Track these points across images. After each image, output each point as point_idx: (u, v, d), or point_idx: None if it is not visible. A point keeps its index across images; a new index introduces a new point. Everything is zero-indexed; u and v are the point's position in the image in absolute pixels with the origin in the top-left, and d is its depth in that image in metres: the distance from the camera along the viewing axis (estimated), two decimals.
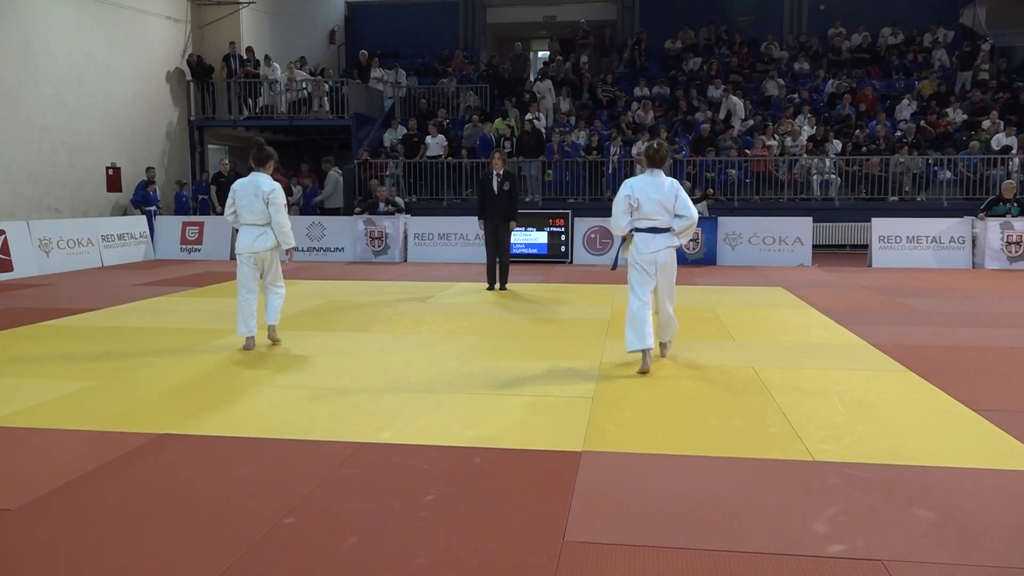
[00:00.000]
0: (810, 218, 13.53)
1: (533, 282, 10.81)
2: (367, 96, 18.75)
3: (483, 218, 9.87)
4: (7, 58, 13.23)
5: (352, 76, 19.24)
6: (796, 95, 18.19)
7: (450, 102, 19.31)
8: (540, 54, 25.20)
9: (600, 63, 21.02)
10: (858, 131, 16.44)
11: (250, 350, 6.30)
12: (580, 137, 16.56)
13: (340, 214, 15.90)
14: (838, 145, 16.03)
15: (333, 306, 8.71)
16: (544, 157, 16.17)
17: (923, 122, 16.64)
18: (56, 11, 14.26)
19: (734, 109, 17.38)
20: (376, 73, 19.56)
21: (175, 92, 17.43)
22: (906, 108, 17.25)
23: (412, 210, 15.10)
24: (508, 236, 9.94)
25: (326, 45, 22.58)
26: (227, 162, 16.24)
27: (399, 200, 14.72)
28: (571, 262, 13.58)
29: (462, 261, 13.59)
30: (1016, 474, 3.60)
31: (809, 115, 17.04)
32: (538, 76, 19.97)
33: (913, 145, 15.67)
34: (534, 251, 13.69)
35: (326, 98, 17.97)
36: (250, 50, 18.09)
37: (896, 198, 15.42)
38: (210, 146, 18.78)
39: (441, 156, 16.68)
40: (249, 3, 18.36)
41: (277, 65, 18.08)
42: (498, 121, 17.01)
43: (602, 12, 22.86)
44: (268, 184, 6.32)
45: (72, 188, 14.68)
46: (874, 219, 13.31)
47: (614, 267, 6.23)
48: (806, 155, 15.91)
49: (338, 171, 16.58)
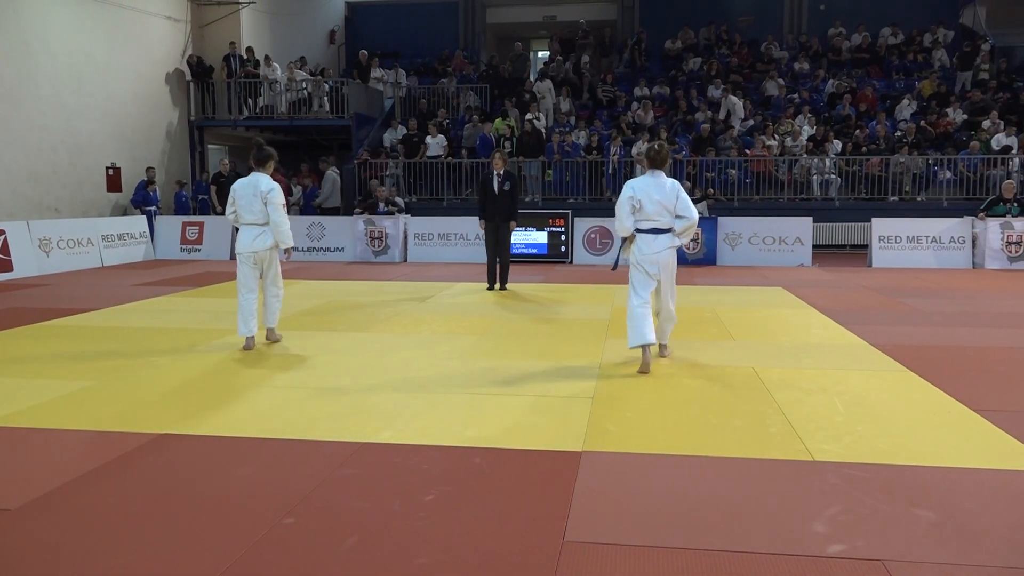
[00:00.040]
0: (810, 218, 13.53)
1: (533, 282, 10.81)
2: (367, 96, 18.74)
3: (484, 218, 9.88)
4: (7, 58, 13.23)
5: (352, 76, 19.24)
6: (796, 95, 18.19)
7: (450, 102, 19.30)
8: (540, 54, 25.20)
9: (600, 63, 21.02)
10: (858, 131, 16.44)
11: (250, 350, 6.32)
12: (580, 137, 16.56)
13: (339, 214, 15.90)
14: (838, 145, 16.03)
15: (333, 306, 8.71)
16: (544, 157, 16.16)
17: (923, 122, 16.64)
18: (56, 11, 14.26)
19: (733, 109, 17.38)
20: (376, 73, 19.56)
21: (175, 92, 17.43)
22: (906, 108, 17.25)
23: (412, 210, 15.10)
24: (508, 236, 9.95)
25: (326, 45, 22.58)
26: (227, 162, 16.24)
27: (399, 200, 14.72)
28: (571, 262, 13.58)
29: (462, 261, 13.59)
30: (1016, 474, 3.60)
31: (809, 115, 17.04)
32: (538, 76, 19.98)
33: (913, 145, 15.67)
34: (534, 251, 13.69)
35: (326, 98, 17.96)
36: (250, 50, 18.08)
37: (896, 198, 15.41)
38: (210, 146, 18.78)
39: (441, 156, 16.68)
40: (249, 3, 18.36)
41: (277, 65, 18.08)
42: (498, 121, 17.01)
43: (602, 12, 22.86)
44: (267, 184, 6.38)
45: (72, 188, 14.68)
46: (874, 219, 13.32)
47: (615, 267, 6.26)
48: (806, 155, 15.91)
49: (335, 171, 16.58)
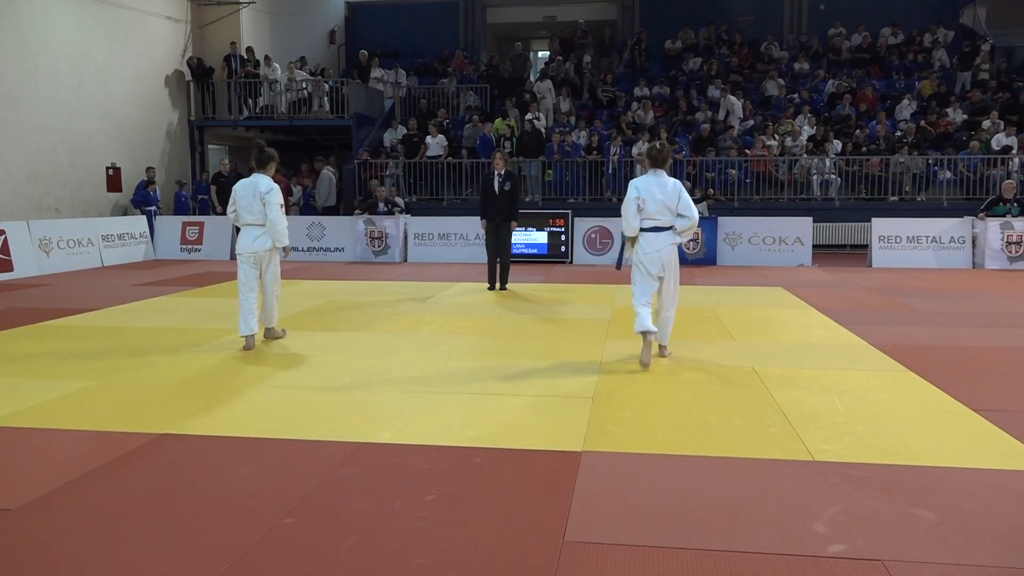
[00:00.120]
0: (810, 218, 13.53)
1: (533, 282, 10.80)
2: (367, 96, 18.75)
3: (484, 218, 9.88)
4: (7, 58, 13.23)
5: (352, 76, 19.24)
6: (796, 95, 18.19)
7: (450, 102, 19.30)
8: (540, 54, 25.20)
9: (600, 63, 21.02)
10: (858, 131, 16.44)
11: (250, 349, 6.33)
12: (580, 137, 16.56)
13: (337, 213, 15.92)
14: (838, 145, 16.03)
15: (333, 306, 8.71)
16: (544, 157, 16.16)
17: (923, 122, 16.64)
18: (56, 11, 14.26)
19: (732, 109, 17.38)
20: (376, 73, 19.56)
21: (175, 92, 17.43)
22: (906, 108, 17.24)
23: (412, 210, 15.10)
24: (509, 236, 9.96)
25: (326, 45, 22.58)
26: (227, 162, 16.25)
27: (399, 200, 14.72)
28: (571, 262, 13.57)
29: (462, 261, 13.59)
30: (1016, 474, 3.60)
31: (809, 115, 17.04)
32: (538, 76, 19.97)
33: (913, 145, 15.67)
34: (534, 251, 13.69)
35: (326, 98, 17.96)
36: (250, 50, 18.08)
37: (896, 198, 15.41)
38: (210, 146, 18.78)
39: (441, 156, 16.68)
40: (249, 3, 18.36)
41: (277, 65, 18.08)
42: (498, 121, 17.01)
43: (602, 12, 22.86)
44: (266, 184, 6.48)
45: (72, 188, 14.68)
46: (874, 219, 13.32)
47: (619, 266, 6.30)
48: (806, 155, 15.91)
49: (331, 170, 16.64)
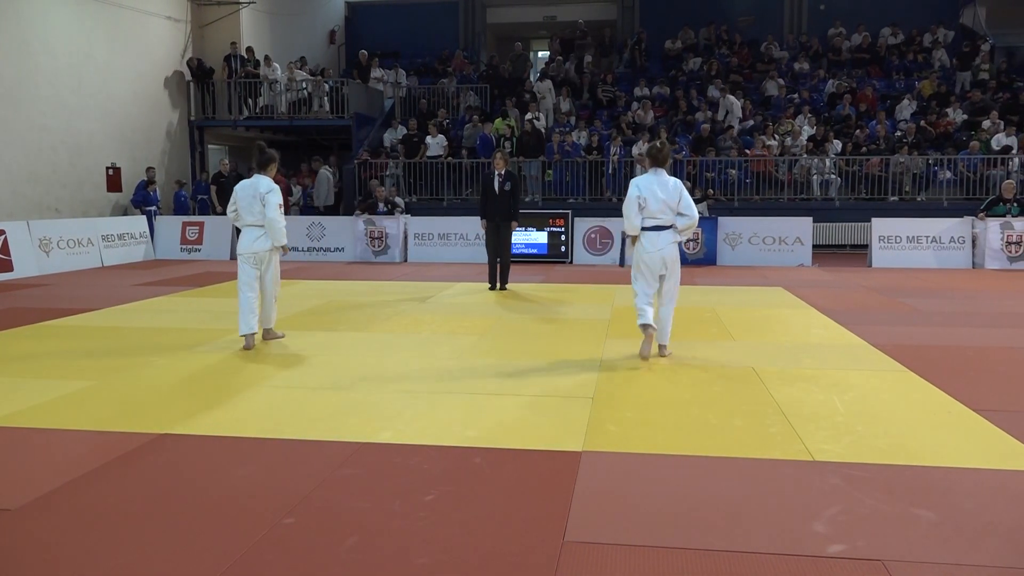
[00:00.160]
0: (810, 218, 13.53)
1: (533, 282, 10.80)
2: (367, 96, 18.75)
3: (484, 218, 9.88)
4: (7, 58, 13.23)
5: (352, 76, 19.24)
6: (796, 95, 18.18)
7: (450, 102, 19.30)
8: (540, 54, 25.20)
9: (600, 63, 21.02)
10: (858, 131, 16.44)
11: (250, 349, 6.34)
12: (580, 137, 16.56)
13: (337, 213, 15.94)
14: (838, 145, 16.03)
15: (333, 306, 8.71)
16: (544, 157, 16.16)
17: (923, 122, 16.63)
18: (56, 11, 14.26)
19: (731, 108, 17.37)
20: (376, 73, 19.56)
21: (175, 92, 17.43)
22: (906, 108, 17.24)
23: (412, 210, 15.10)
24: (509, 236, 9.96)
25: (326, 45, 22.58)
26: (227, 162, 16.26)
27: (399, 200, 14.72)
28: (571, 262, 13.55)
29: (462, 261, 13.59)
30: (1016, 474, 3.60)
31: (809, 115, 17.04)
32: (538, 76, 19.97)
33: (913, 145, 15.67)
34: (534, 251, 13.69)
35: (326, 98, 17.96)
36: (250, 50, 18.08)
37: (896, 198, 15.41)
38: (210, 146, 18.78)
39: (441, 156, 16.68)
40: (249, 3, 18.36)
41: (277, 65, 18.08)
42: (498, 121, 17.00)
43: (602, 12, 22.86)
44: (265, 185, 6.51)
45: (72, 188, 14.68)
46: (874, 219, 13.32)
47: (622, 264, 6.36)
48: (806, 155, 15.91)
49: (328, 169, 16.67)
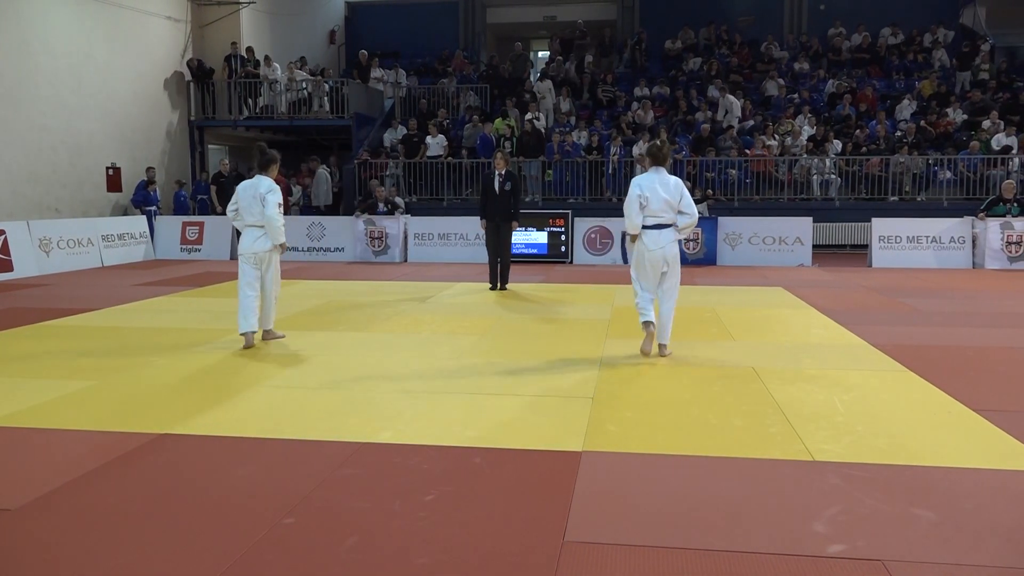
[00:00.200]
0: (810, 218, 13.53)
1: (533, 282, 10.80)
2: (367, 96, 18.75)
3: (484, 218, 9.89)
4: (7, 58, 13.22)
5: (352, 76, 19.24)
6: (796, 95, 18.18)
7: (450, 102, 19.30)
8: (540, 54, 25.20)
9: (600, 63, 21.02)
10: (858, 131, 16.44)
11: (250, 347, 6.37)
12: (580, 137, 16.56)
13: (336, 212, 15.95)
14: (838, 145, 16.03)
15: (333, 306, 8.71)
16: (544, 157, 16.16)
17: (923, 122, 16.63)
18: (56, 11, 14.26)
19: (730, 108, 17.37)
20: (376, 73, 19.56)
21: (175, 92, 17.42)
22: (906, 108, 17.24)
23: (412, 210, 15.10)
24: (509, 236, 9.98)
25: (326, 45, 22.57)
26: (227, 162, 16.26)
27: (399, 200, 14.72)
28: (571, 262, 13.56)
29: (462, 261, 13.59)
30: (1016, 474, 3.60)
31: (809, 115, 17.03)
32: (538, 76, 19.97)
33: (913, 145, 15.66)
34: (534, 251, 13.69)
35: (326, 98, 17.96)
36: (250, 50, 18.08)
37: (896, 198, 15.41)
38: (210, 146, 18.78)
39: (441, 156, 16.68)
40: (249, 3, 18.35)
41: (277, 65, 18.08)
42: (498, 121, 17.00)
43: (602, 12, 22.86)
44: (266, 185, 6.54)
45: (72, 188, 14.68)
46: (874, 219, 13.32)
47: (626, 261, 6.39)
48: (806, 155, 15.91)
49: (326, 168, 16.70)
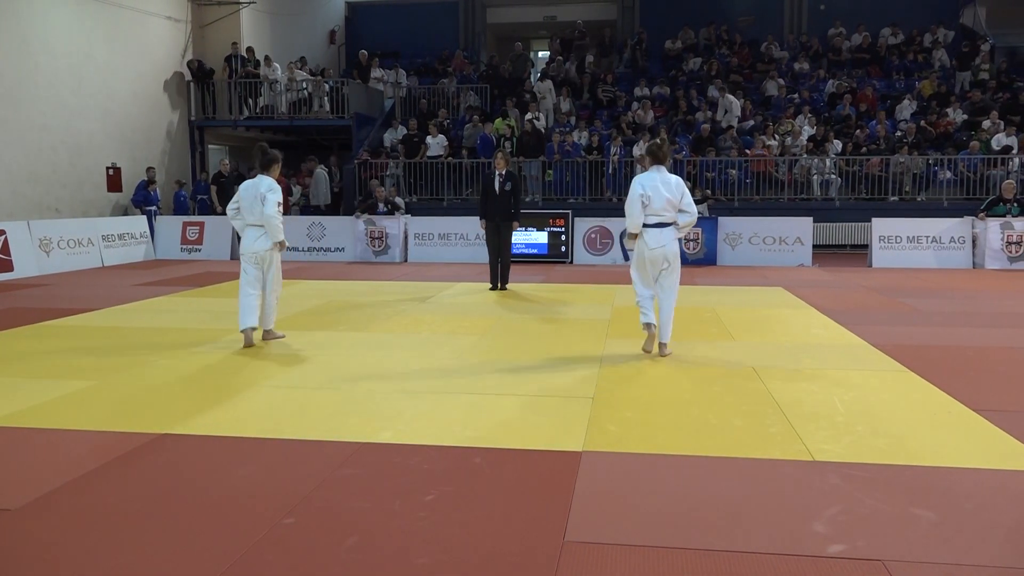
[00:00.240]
0: (810, 218, 13.53)
1: (533, 282, 10.80)
2: (367, 96, 18.75)
3: (485, 218, 9.89)
4: (7, 58, 13.22)
5: (352, 76, 19.24)
6: (796, 95, 18.18)
7: (450, 102, 19.30)
8: (540, 54, 25.20)
9: (600, 63, 21.03)
10: (858, 131, 16.44)
11: (250, 345, 6.40)
12: (580, 137, 16.56)
13: (336, 212, 15.97)
14: (838, 145, 16.03)
15: (333, 306, 8.71)
16: (544, 157, 16.16)
17: (923, 122, 16.63)
18: (56, 11, 14.26)
19: (730, 108, 17.37)
20: (376, 73, 19.56)
21: (175, 92, 17.43)
22: (906, 108, 17.24)
23: (412, 210, 15.10)
24: (510, 236, 9.98)
25: (326, 45, 22.58)
26: (227, 162, 16.26)
27: (399, 200, 14.72)
28: (571, 262, 13.56)
29: (462, 261, 13.59)
30: (1016, 474, 3.60)
31: (809, 115, 17.03)
32: (538, 76, 19.97)
33: (913, 145, 15.66)
34: (534, 251, 13.69)
35: (326, 98, 17.96)
36: (250, 50, 18.08)
37: (896, 198, 15.41)
38: (210, 146, 18.78)
39: (441, 156, 16.68)
40: (249, 3, 18.36)
41: (277, 65, 18.08)
42: (498, 121, 17.00)
43: (602, 12, 22.86)
44: (266, 184, 6.57)
45: (72, 188, 14.68)
46: (874, 219, 13.32)
47: (627, 259, 6.40)
48: (806, 155, 15.91)
49: (324, 168, 16.75)
